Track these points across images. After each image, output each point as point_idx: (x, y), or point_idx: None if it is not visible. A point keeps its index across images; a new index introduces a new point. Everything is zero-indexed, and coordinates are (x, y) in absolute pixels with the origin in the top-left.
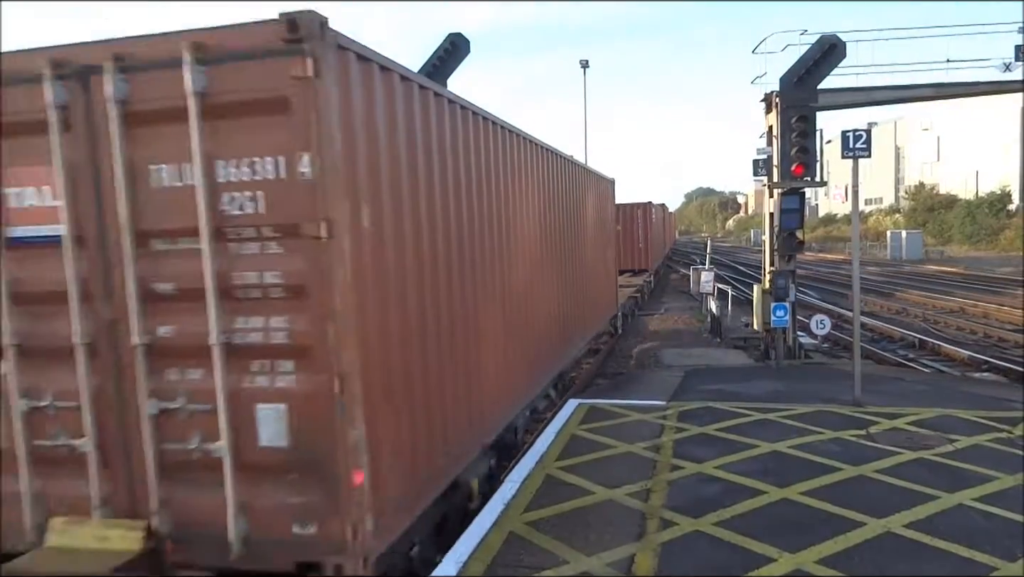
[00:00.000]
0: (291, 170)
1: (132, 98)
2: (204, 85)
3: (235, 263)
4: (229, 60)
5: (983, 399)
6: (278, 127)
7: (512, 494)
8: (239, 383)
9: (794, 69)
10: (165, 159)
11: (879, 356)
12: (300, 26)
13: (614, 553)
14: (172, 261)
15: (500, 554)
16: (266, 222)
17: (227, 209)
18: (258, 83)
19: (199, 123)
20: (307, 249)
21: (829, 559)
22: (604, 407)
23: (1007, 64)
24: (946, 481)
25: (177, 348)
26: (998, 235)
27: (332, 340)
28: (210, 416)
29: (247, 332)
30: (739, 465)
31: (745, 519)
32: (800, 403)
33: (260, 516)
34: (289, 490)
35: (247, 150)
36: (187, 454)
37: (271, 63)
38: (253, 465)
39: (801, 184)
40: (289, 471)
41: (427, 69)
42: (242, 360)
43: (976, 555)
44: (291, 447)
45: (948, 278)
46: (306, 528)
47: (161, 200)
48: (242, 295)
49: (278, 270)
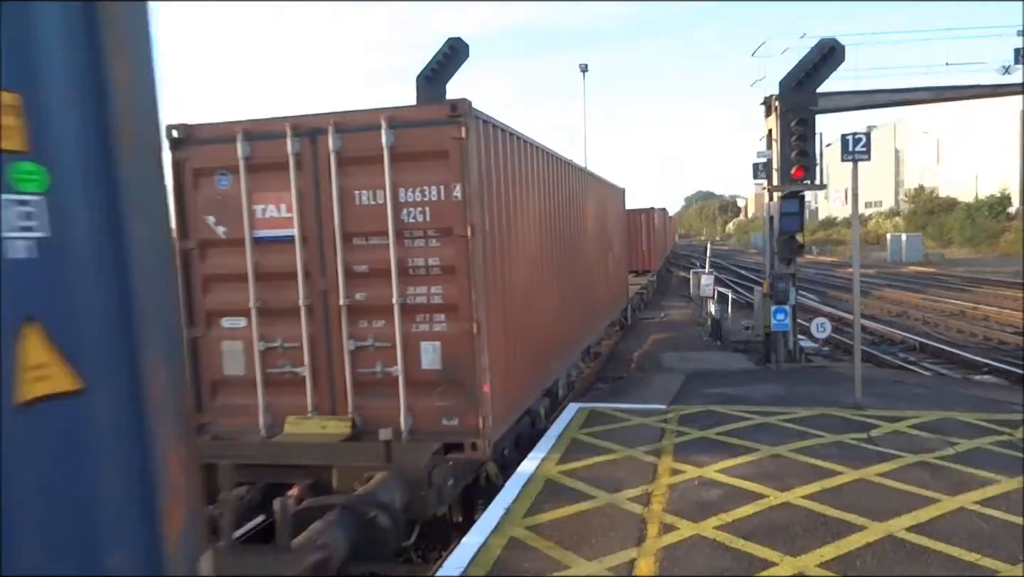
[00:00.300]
0: (448, 194)
1: (344, 149)
2: (393, 141)
3: (409, 253)
4: (410, 126)
5: (984, 401)
6: (440, 167)
7: (513, 499)
8: (409, 329)
9: (793, 72)
10: (365, 187)
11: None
12: (458, 108)
13: (615, 558)
14: (366, 252)
15: (501, 559)
16: (430, 227)
17: (405, 219)
18: (429, 140)
19: (389, 165)
20: (457, 243)
21: (831, 563)
22: (605, 411)
23: (1006, 67)
24: (947, 484)
25: (368, 307)
26: (998, 238)
27: (472, 300)
28: (389, 350)
29: (416, 296)
30: (740, 469)
31: (746, 523)
32: (801, 406)
33: (421, 414)
34: (440, 396)
35: (419, 182)
36: (373, 376)
37: (438, 128)
38: (417, 381)
39: (801, 187)
40: (440, 384)
41: (426, 73)
42: (412, 314)
43: (978, 559)
44: (442, 369)
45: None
46: (451, 421)
47: (361, 213)
48: (413, 273)
49: (437, 257)
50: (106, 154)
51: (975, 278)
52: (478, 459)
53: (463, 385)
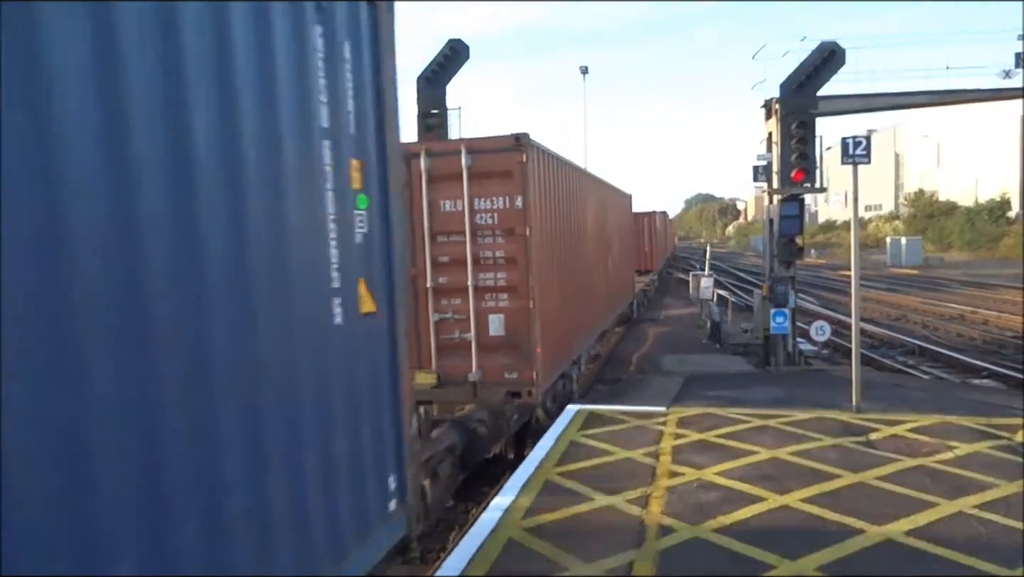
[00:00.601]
0: (511, 203)
1: (432, 169)
2: (470, 163)
3: (480, 247)
4: (484, 152)
5: (983, 405)
6: (506, 183)
7: (511, 500)
8: (480, 304)
9: (794, 75)
10: (447, 197)
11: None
12: (520, 139)
13: (613, 560)
14: (448, 247)
15: (499, 561)
16: (497, 227)
17: (478, 222)
18: (498, 163)
19: (467, 181)
20: (518, 240)
21: (829, 566)
22: (603, 413)
23: (1007, 71)
24: (946, 488)
25: (448, 289)
26: (998, 242)
27: (529, 283)
28: (464, 321)
29: (485, 280)
30: (739, 471)
31: (744, 526)
32: (800, 409)
33: (488, 369)
34: (503, 356)
35: (490, 193)
36: (452, 340)
37: (505, 154)
38: (485, 345)
39: (801, 190)
40: (504, 348)
41: (427, 74)
42: (482, 293)
43: (976, 563)
44: (505, 335)
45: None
46: (512, 375)
47: (444, 217)
48: (483, 263)
49: (502, 250)
50: (384, 182)
51: (974, 282)
52: (532, 404)
53: (521, 348)
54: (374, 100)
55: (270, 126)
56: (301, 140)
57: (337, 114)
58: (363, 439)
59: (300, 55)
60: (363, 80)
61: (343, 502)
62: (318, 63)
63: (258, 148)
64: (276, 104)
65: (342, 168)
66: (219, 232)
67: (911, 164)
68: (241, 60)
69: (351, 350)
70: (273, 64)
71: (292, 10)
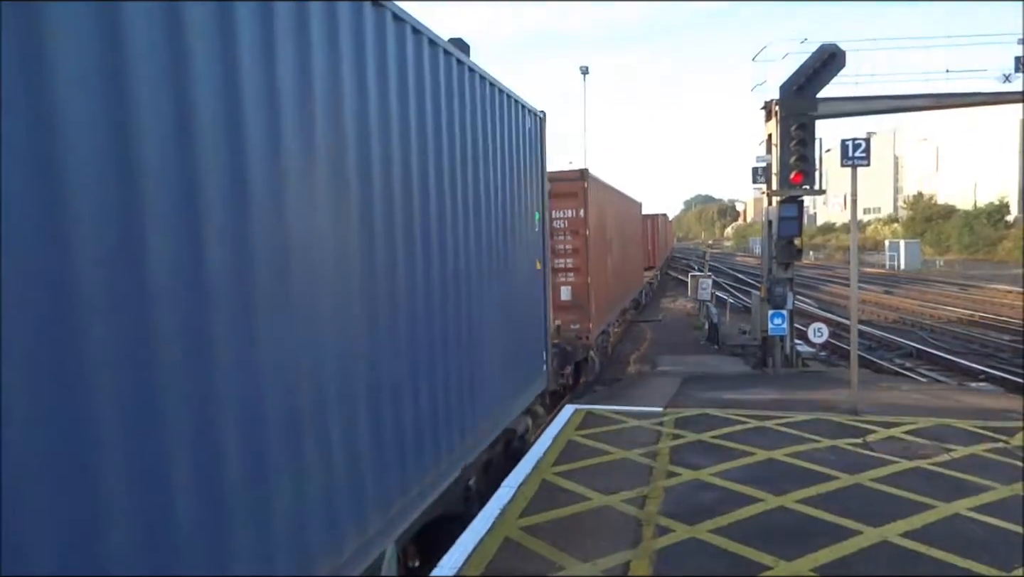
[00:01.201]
0: (576, 215)
1: None
2: (551, 188)
3: (556, 242)
4: (560, 180)
5: (980, 408)
6: (573, 201)
7: (508, 499)
8: (556, 279)
9: (794, 78)
10: None
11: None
12: (583, 173)
13: (610, 559)
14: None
15: (495, 560)
16: (566, 229)
17: (555, 226)
18: (569, 187)
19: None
20: (580, 238)
21: (825, 567)
22: (601, 413)
23: (1007, 75)
24: (943, 491)
25: None
26: (996, 246)
27: (587, 267)
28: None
29: (558, 263)
30: (736, 472)
31: (741, 527)
32: (797, 411)
33: (563, 323)
34: (570, 315)
35: (563, 207)
36: None
37: (573, 182)
38: (559, 305)
39: (800, 192)
40: (571, 308)
41: None
42: (556, 273)
43: (973, 565)
44: (572, 300)
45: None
46: (576, 327)
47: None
48: (558, 252)
49: (569, 245)
50: (542, 208)
51: (973, 285)
52: (587, 345)
53: (582, 308)
54: (539, 168)
55: (518, 202)
56: (524, 199)
57: (532, 182)
58: (536, 329)
59: (533, 160)
60: (537, 159)
61: (531, 363)
62: (532, 159)
63: (516, 215)
64: (520, 196)
65: (531, 203)
66: (499, 239)
67: (910, 167)
68: (513, 188)
69: (534, 284)
70: (520, 166)
71: (531, 129)
